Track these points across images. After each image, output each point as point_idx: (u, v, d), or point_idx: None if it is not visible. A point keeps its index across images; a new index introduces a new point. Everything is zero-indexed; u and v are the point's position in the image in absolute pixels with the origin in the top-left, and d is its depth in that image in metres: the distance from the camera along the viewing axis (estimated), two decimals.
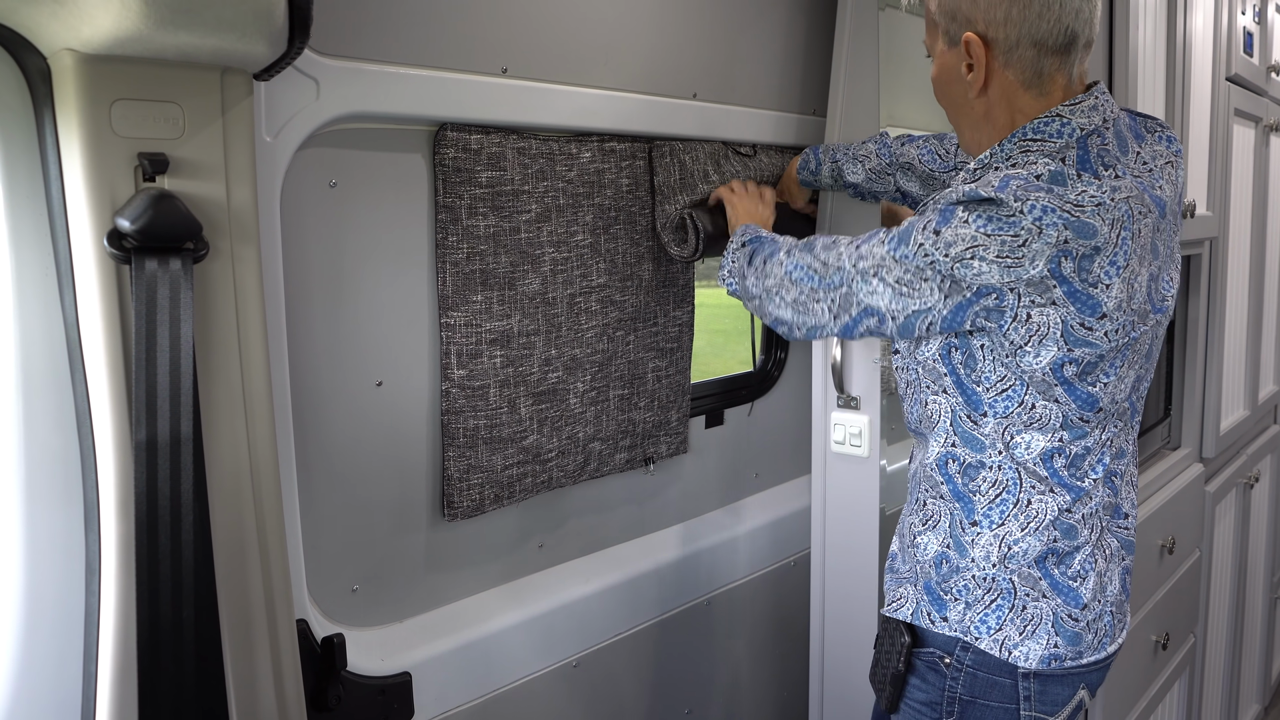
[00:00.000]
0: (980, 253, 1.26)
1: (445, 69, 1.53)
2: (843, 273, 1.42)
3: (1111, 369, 1.35)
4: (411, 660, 1.65)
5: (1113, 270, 1.28)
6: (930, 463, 1.47)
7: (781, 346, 2.49)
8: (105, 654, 1.16)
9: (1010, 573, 1.41)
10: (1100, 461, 1.41)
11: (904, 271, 1.34)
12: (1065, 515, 1.40)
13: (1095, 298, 1.28)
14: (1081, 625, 1.42)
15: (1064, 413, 1.36)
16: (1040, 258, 1.24)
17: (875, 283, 1.37)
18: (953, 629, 1.46)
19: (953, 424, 1.43)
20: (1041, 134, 1.35)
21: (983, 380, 1.37)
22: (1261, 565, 3.35)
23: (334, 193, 1.49)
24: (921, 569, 1.50)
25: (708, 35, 1.95)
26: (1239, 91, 2.75)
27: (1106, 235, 1.26)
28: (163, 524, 1.13)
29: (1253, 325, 3.03)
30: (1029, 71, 1.36)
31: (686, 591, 2.20)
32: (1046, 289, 1.27)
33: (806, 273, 1.48)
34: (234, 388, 1.23)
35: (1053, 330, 1.29)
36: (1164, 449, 2.72)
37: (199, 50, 1.09)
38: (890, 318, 1.38)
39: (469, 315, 1.66)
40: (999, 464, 1.40)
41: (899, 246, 1.34)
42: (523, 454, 1.79)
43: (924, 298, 1.33)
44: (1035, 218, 1.24)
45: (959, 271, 1.28)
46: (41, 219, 1.16)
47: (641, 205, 1.92)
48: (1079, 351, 1.31)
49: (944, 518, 1.47)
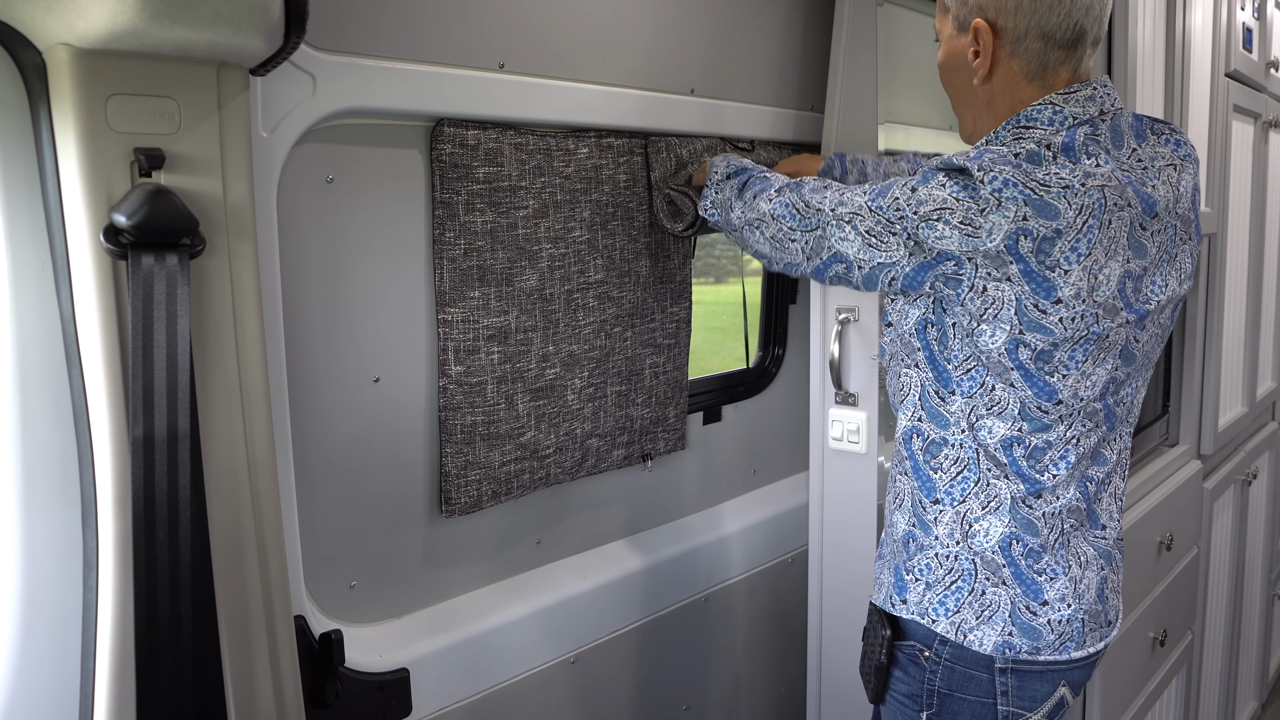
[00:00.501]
0: (946, 216, 1.29)
1: (442, 64, 1.53)
2: (821, 215, 1.44)
3: (1071, 361, 1.33)
4: (409, 656, 1.65)
5: (1073, 256, 1.27)
6: (898, 436, 1.49)
7: (779, 343, 2.49)
8: (103, 650, 1.15)
9: (973, 553, 1.41)
10: (1063, 458, 1.39)
11: (875, 223, 1.36)
12: (1022, 507, 1.39)
13: (1051, 281, 1.27)
14: (1041, 621, 1.41)
15: (1021, 399, 1.35)
16: (998, 231, 1.25)
17: (848, 229, 1.40)
18: (910, 611, 1.46)
19: (921, 398, 1.44)
20: (1034, 120, 1.36)
21: (952, 358, 1.39)
22: (1259, 562, 3.35)
23: (331, 188, 1.49)
24: (895, 550, 1.51)
25: (706, 31, 1.95)
26: (1238, 87, 2.75)
27: (1070, 220, 1.26)
28: (160, 520, 1.13)
29: (1251, 321, 3.03)
30: (1034, 63, 1.37)
31: (684, 588, 2.20)
32: (1002, 263, 1.27)
33: (789, 210, 1.49)
34: (231, 384, 1.22)
35: (1006, 307, 1.30)
36: (1162, 446, 2.72)
37: (195, 45, 1.08)
38: (857, 266, 1.41)
39: (466, 311, 1.65)
40: (961, 442, 1.41)
41: (877, 199, 1.37)
42: (520, 450, 1.79)
43: (890, 251, 1.35)
44: (994, 189, 1.25)
45: (923, 232, 1.31)
46: (37, 215, 1.15)
47: (639, 201, 1.92)
48: (1031, 336, 1.30)
49: (907, 497, 1.49)
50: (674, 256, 2.03)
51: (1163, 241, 1.40)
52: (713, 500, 2.35)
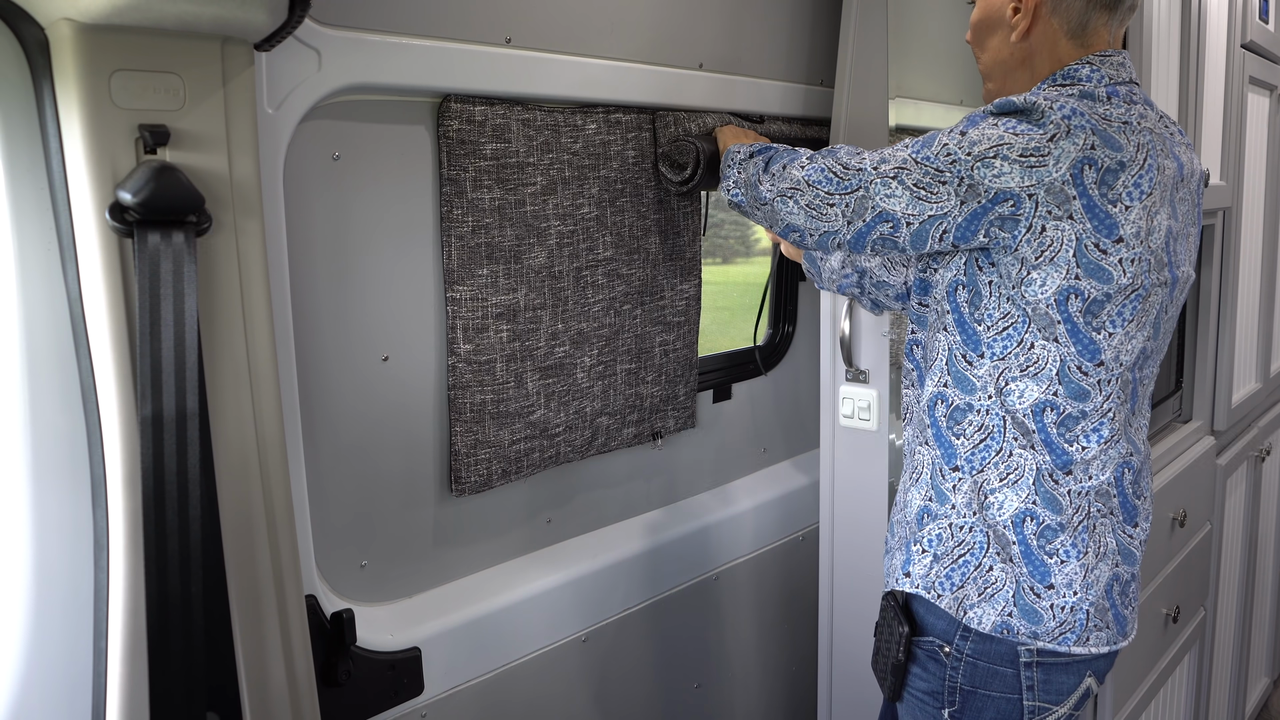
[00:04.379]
0: (1004, 151, 1.27)
1: (448, 39, 1.51)
2: (862, 174, 1.39)
3: (1119, 317, 1.32)
4: (420, 635, 1.65)
5: (1136, 192, 1.28)
6: (923, 404, 1.47)
7: (789, 320, 2.47)
8: (115, 630, 1.15)
9: (986, 525, 1.39)
10: (1096, 431, 1.36)
11: (923, 174, 1.33)
12: (1047, 481, 1.36)
13: (1114, 217, 1.28)
14: (1044, 605, 1.37)
15: (1062, 357, 1.33)
16: (1065, 159, 1.25)
17: (895, 185, 1.35)
18: (915, 585, 1.43)
19: (948, 363, 1.42)
20: (1073, 77, 1.38)
21: (985, 318, 1.36)
22: (1272, 539, 3.34)
23: (337, 165, 1.47)
24: (909, 530, 1.48)
25: (714, 4, 1.93)
26: (1254, 59, 2.71)
27: (1132, 155, 1.28)
28: (170, 500, 1.12)
29: (1265, 297, 3.00)
30: (1075, 21, 1.38)
31: (694, 567, 2.20)
32: (1065, 199, 1.26)
33: (825, 175, 1.43)
34: (239, 362, 1.22)
35: (1065, 248, 1.28)
36: (1175, 422, 2.70)
37: (199, 19, 1.07)
38: (905, 223, 1.36)
39: (475, 289, 1.64)
40: (987, 408, 1.38)
41: (922, 149, 1.34)
42: (530, 429, 1.78)
43: (941, 202, 1.32)
44: (1064, 115, 1.27)
45: (979, 172, 1.28)
46: (43, 193, 1.15)
47: (648, 177, 1.90)
48: (1086, 283, 1.29)
49: (926, 468, 1.46)
50: (684, 233, 2.02)
51: (1185, 211, 1.41)
52: (723, 478, 2.34)
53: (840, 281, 1.75)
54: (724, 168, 1.68)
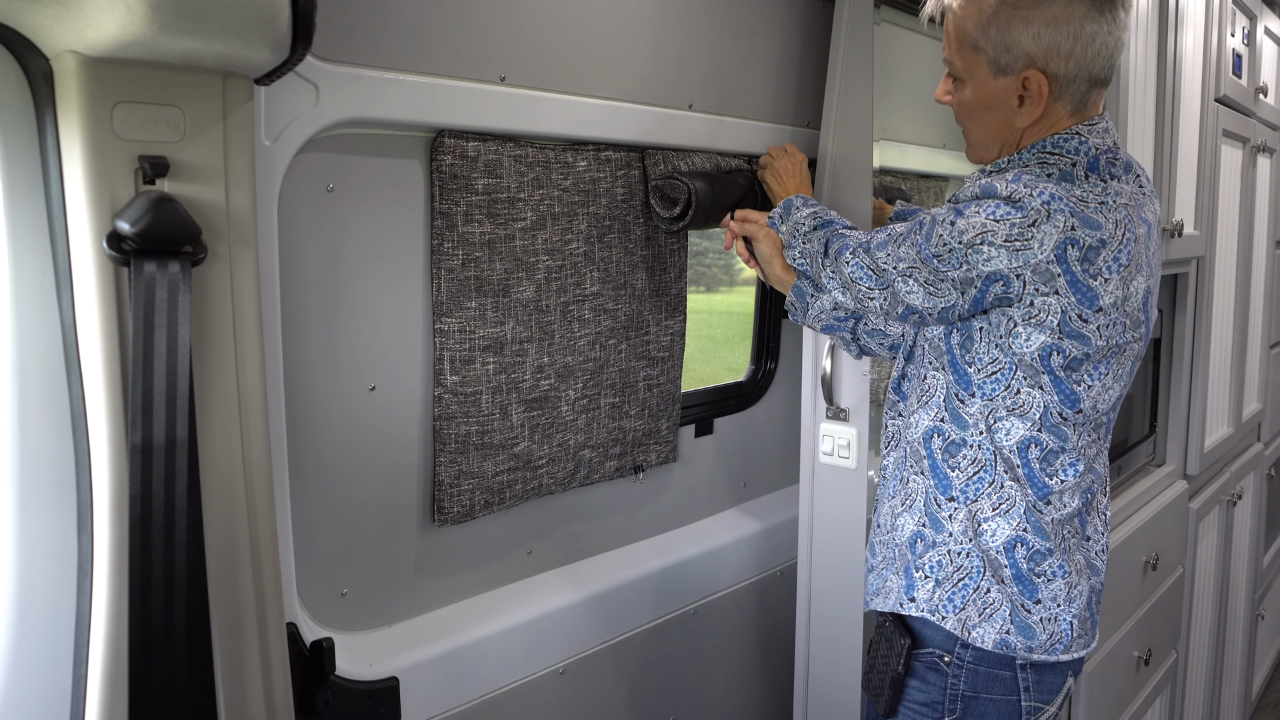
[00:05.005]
0: (990, 238, 1.34)
1: (444, 76, 1.54)
2: (887, 274, 1.48)
3: (1096, 373, 1.41)
4: (399, 665, 1.65)
5: (1115, 266, 1.35)
6: (918, 436, 1.53)
7: (771, 356, 2.50)
8: (95, 655, 1.15)
9: (981, 551, 1.47)
10: (1073, 465, 1.46)
11: (930, 273, 1.41)
12: (1034, 511, 1.45)
13: (1095, 290, 1.34)
14: (1034, 619, 1.47)
15: (1045, 403, 1.41)
16: (1049, 241, 1.31)
17: (911, 282, 1.44)
18: (920, 609, 1.50)
19: (945, 400, 1.49)
20: (1060, 149, 1.43)
21: (975, 361, 1.44)
22: (1243, 582, 3.38)
23: (331, 197, 1.49)
24: (899, 553, 1.55)
25: (705, 47, 1.97)
26: (1227, 112, 2.78)
27: (1111, 231, 1.34)
28: (156, 526, 1.13)
29: (1238, 343, 3.06)
30: (1077, 101, 1.43)
31: (674, 600, 2.21)
32: (1051, 276, 1.33)
33: (865, 272, 1.53)
34: (229, 391, 1.23)
35: (1051, 316, 1.35)
36: (1148, 466, 2.74)
37: (202, 55, 1.09)
38: (926, 314, 1.46)
39: (463, 321, 1.66)
40: (979, 444, 1.46)
41: (924, 246, 1.41)
42: (514, 460, 1.79)
43: (947, 296, 1.41)
44: (1043, 201, 1.32)
45: (971, 258, 1.36)
46: (40, 219, 1.16)
47: (636, 214, 1.93)
48: (1069, 343, 1.37)
49: (919, 495, 1.53)
50: (670, 270, 2.05)
51: (1155, 260, 1.48)
52: (703, 512, 2.35)
53: (828, 322, 1.75)
54: (788, 229, 1.72)
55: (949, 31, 1.46)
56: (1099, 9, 1.38)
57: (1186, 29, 2.45)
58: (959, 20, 1.44)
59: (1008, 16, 1.38)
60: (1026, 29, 1.38)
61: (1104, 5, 1.38)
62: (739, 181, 1.99)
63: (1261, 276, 3.32)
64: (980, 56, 1.43)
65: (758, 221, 1.80)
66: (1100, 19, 1.38)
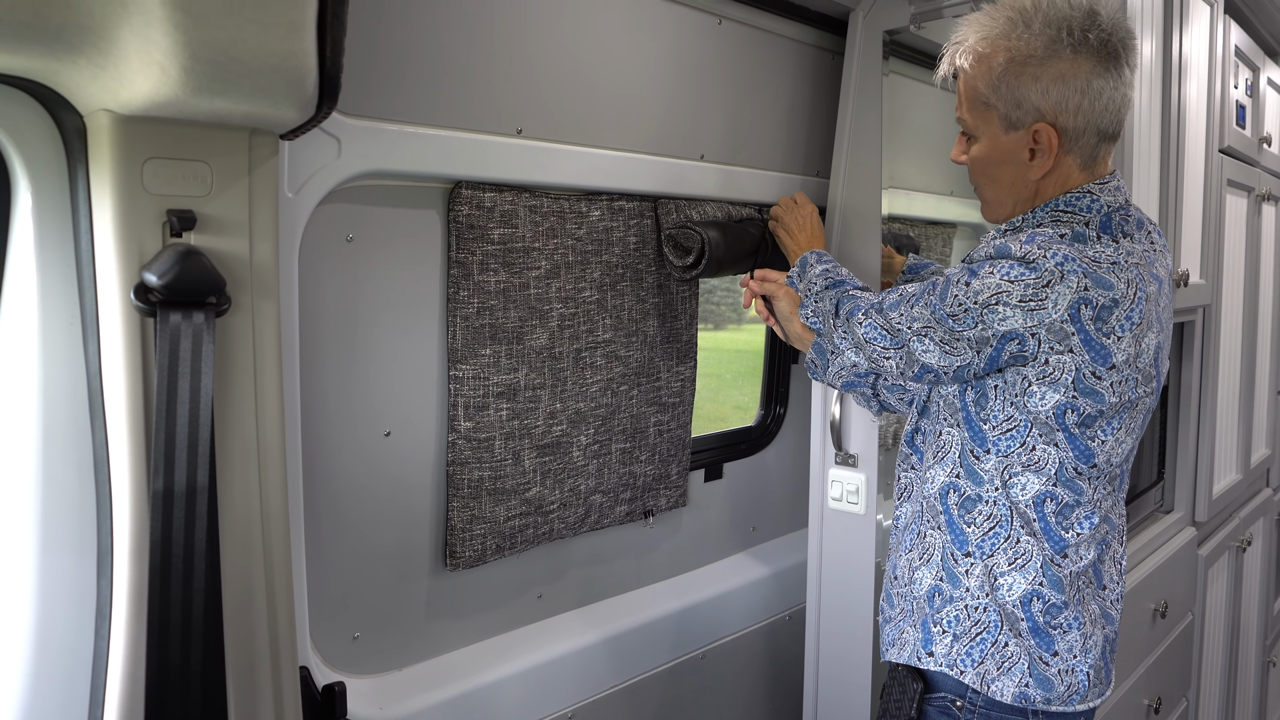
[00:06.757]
0: (1005, 298, 1.36)
1: (462, 129, 1.57)
2: (902, 334, 1.51)
3: (1109, 428, 1.43)
4: (410, 709, 1.66)
5: (1127, 324, 1.37)
6: (934, 492, 1.54)
7: (781, 401, 2.52)
8: (112, 698, 1.17)
9: (998, 605, 1.48)
10: (1089, 518, 1.47)
11: (945, 332, 1.43)
12: (1051, 565, 1.47)
13: (1108, 348, 1.37)
14: (1052, 671, 1.47)
15: (1060, 460, 1.44)
16: (1063, 301, 1.34)
17: (927, 341, 1.47)
18: (939, 664, 1.51)
19: (960, 456, 1.51)
20: (1073, 207, 1.46)
21: (990, 418, 1.46)
22: (1254, 629, 3.35)
23: (350, 247, 1.53)
24: (916, 605, 1.56)
25: (716, 99, 2.00)
26: (1232, 162, 2.81)
27: (1124, 291, 1.36)
28: (175, 572, 1.15)
29: (1245, 390, 3.07)
30: (1087, 155, 1.47)
31: (683, 644, 2.21)
32: (1065, 335, 1.36)
33: (879, 333, 1.55)
34: (249, 439, 1.25)
35: (1065, 374, 1.38)
36: (1157, 512, 2.74)
37: (231, 114, 1.13)
38: (942, 372, 1.48)
39: (477, 368, 1.69)
40: (995, 499, 1.48)
41: (939, 306, 1.44)
42: (525, 505, 1.81)
43: (962, 355, 1.43)
44: (1057, 263, 1.35)
45: (987, 317, 1.38)
46: (69, 270, 1.19)
47: (648, 262, 1.96)
48: (1083, 401, 1.39)
49: (937, 550, 1.54)
50: (680, 317, 2.07)
51: (1166, 315, 1.50)
52: (712, 557, 2.36)
53: (848, 379, 1.74)
54: (804, 287, 1.74)
55: (961, 91, 1.50)
56: (1104, 66, 1.42)
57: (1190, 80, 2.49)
58: (970, 79, 1.48)
59: (1017, 73, 1.43)
60: (1035, 85, 1.42)
61: (1109, 62, 1.42)
62: (751, 231, 2.02)
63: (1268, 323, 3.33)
64: (992, 113, 1.47)
65: (777, 280, 1.82)
66: (1106, 75, 1.42)
